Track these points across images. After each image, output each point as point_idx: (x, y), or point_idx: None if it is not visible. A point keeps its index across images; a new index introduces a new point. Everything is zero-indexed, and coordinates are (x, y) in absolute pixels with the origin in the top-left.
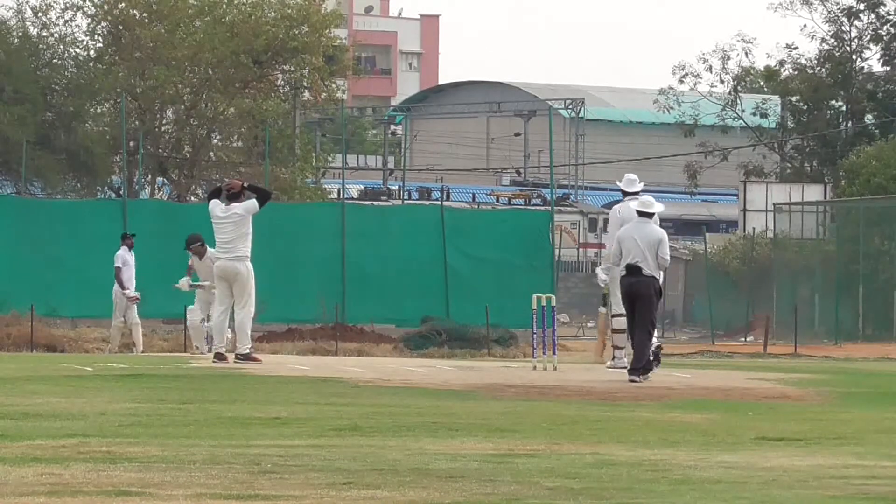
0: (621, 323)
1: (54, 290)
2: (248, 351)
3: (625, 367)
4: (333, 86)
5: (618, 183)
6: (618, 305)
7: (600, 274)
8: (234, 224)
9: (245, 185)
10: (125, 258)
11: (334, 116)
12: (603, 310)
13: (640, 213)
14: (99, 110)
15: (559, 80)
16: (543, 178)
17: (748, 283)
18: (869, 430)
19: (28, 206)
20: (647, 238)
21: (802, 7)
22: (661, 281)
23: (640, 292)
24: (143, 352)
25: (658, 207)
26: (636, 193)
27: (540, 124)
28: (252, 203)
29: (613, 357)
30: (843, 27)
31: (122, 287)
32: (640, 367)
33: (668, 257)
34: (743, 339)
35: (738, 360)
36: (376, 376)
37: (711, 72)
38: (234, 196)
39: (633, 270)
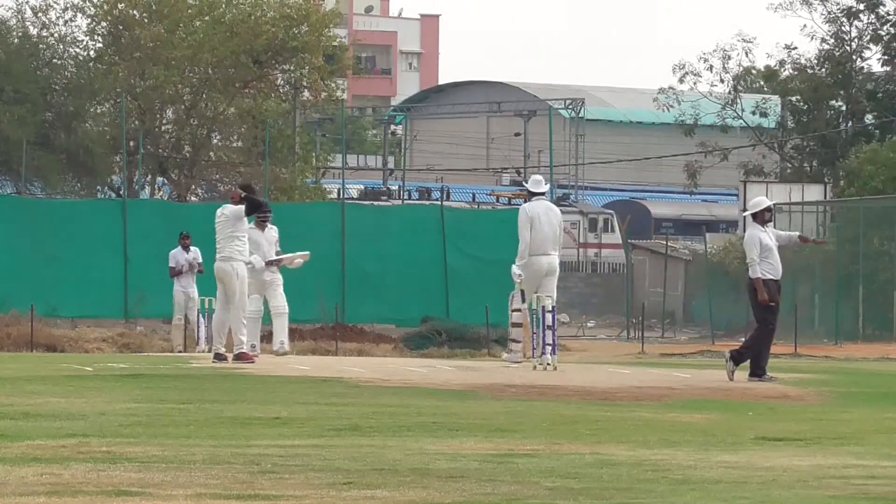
0: (519, 317)
1: (54, 290)
2: (242, 350)
3: (518, 362)
4: (333, 85)
5: (525, 184)
6: (518, 300)
7: (514, 269)
8: (221, 225)
9: (242, 195)
10: (177, 258)
11: (334, 116)
12: (523, 306)
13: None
14: (99, 110)
15: (559, 80)
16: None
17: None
18: (869, 430)
19: (28, 206)
20: (746, 241)
21: (802, 7)
22: (756, 280)
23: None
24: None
25: (763, 203)
26: (542, 194)
27: (540, 124)
28: (238, 208)
29: (510, 350)
30: (842, 27)
31: (177, 273)
32: (736, 361)
33: (750, 258)
34: (743, 338)
35: None
36: (376, 376)
37: (712, 71)
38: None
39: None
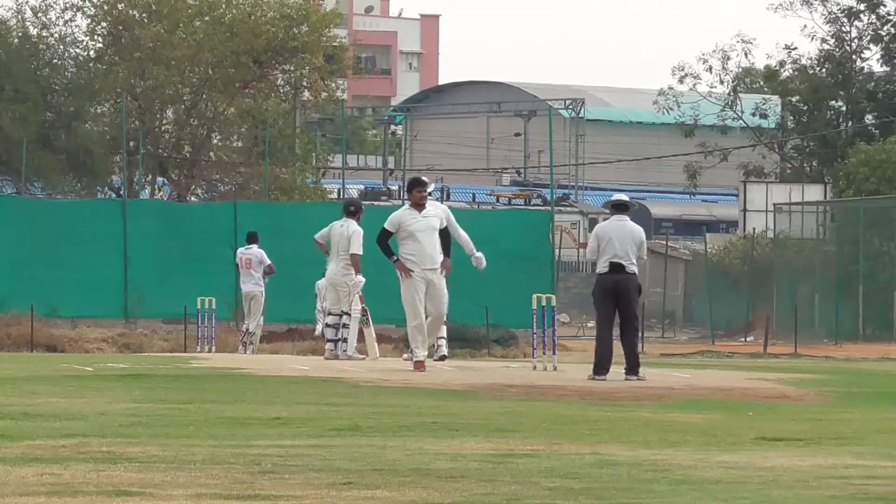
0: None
1: (54, 290)
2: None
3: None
4: (333, 85)
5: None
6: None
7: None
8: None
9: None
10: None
11: (334, 116)
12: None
13: (616, 208)
14: (99, 110)
15: (559, 80)
16: (543, 178)
17: (748, 283)
18: (869, 430)
19: (28, 206)
20: (629, 236)
21: (802, 7)
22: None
23: (625, 289)
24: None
25: (624, 197)
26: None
27: (540, 124)
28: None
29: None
30: (843, 27)
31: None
32: (636, 366)
33: (644, 257)
34: (743, 339)
35: (738, 360)
36: (376, 376)
37: (711, 72)
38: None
39: (616, 268)
